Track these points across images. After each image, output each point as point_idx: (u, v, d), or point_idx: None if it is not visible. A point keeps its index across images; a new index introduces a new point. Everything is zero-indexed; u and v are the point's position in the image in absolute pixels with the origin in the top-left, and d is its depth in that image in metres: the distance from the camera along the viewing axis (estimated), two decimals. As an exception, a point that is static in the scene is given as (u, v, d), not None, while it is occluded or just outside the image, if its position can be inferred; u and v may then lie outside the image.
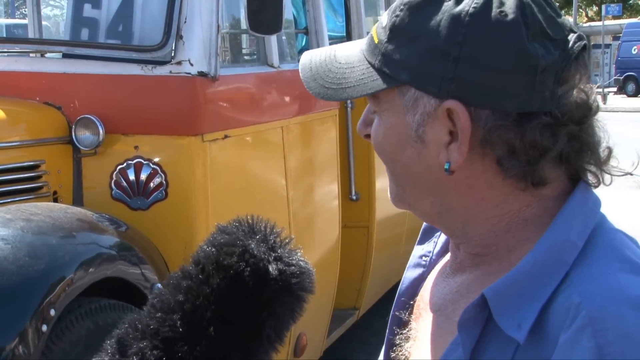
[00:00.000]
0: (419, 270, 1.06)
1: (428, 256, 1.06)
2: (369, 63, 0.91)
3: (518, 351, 0.82)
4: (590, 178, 0.90)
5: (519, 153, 0.84)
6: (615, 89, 27.22)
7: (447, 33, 0.84)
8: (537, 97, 0.83)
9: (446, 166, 0.87)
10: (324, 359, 4.15)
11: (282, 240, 0.89)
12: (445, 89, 0.85)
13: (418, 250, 1.08)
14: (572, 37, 0.86)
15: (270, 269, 0.85)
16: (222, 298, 0.84)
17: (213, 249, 0.87)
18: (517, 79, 0.83)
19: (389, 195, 0.98)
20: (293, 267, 0.86)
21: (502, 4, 0.84)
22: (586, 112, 0.87)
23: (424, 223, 1.07)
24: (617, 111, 19.49)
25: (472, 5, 0.84)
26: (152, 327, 0.84)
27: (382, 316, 2.49)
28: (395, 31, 0.88)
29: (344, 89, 0.92)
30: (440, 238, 1.06)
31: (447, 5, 0.85)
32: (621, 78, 27.10)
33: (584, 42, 0.87)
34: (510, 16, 0.83)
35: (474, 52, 0.83)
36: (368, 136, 0.96)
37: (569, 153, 0.86)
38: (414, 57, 0.86)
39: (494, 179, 0.88)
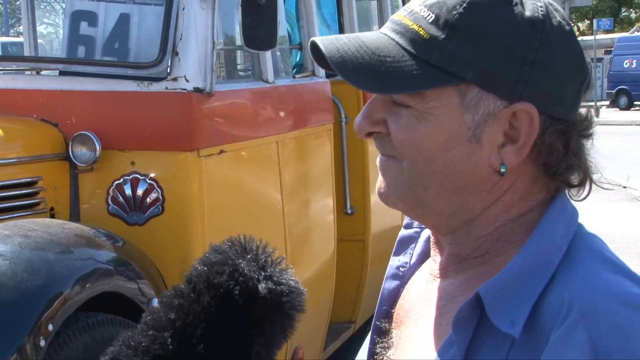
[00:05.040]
0: (397, 281, 1.07)
1: (405, 267, 1.07)
2: (418, 58, 0.87)
3: (513, 349, 0.84)
4: (572, 189, 0.94)
5: (560, 158, 0.89)
6: (607, 103, 27.33)
7: (524, 37, 0.86)
8: (578, 106, 0.89)
9: (503, 168, 0.88)
10: (321, 373, 4.16)
11: (273, 259, 0.90)
12: (519, 92, 0.86)
13: (395, 262, 1.08)
14: None
15: (260, 287, 0.86)
16: (212, 316, 0.86)
17: (205, 268, 0.88)
18: (573, 87, 0.88)
19: (382, 189, 0.94)
20: (282, 286, 0.87)
21: (557, 12, 0.89)
22: (589, 124, 0.92)
23: (400, 235, 1.09)
24: (610, 124, 19.57)
25: (540, 12, 0.87)
26: (143, 344, 0.86)
27: (378, 328, 2.50)
28: (459, 29, 0.86)
29: (399, 83, 0.88)
30: (416, 250, 1.07)
31: (518, 10, 0.87)
32: (613, 92, 27.23)
33: None
34: (567, 27, 0.88)
35: (547, 57, 0.86)
36: (370, 134, 0.93)
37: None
38: (485, 57, 0.86)
39: (524, 183, 0.91)
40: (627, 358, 0.78)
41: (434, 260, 0.99)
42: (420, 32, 0.88)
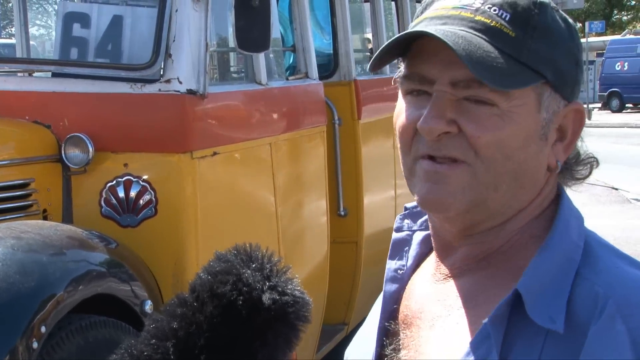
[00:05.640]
0: (397, 284, 1.07)
1: (402, 269, 1.07)
2: (508, 56, 0.88)
3: (547, 342, 0.86)
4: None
5: (581, 153, 0.96)
6: (599, 105, 27.41)
7: (576, 40, 0.94)
8: None
9: (559, 164, 0.94)
10: (314, 375, 4.15)
11: (278, 269, 0.89)
12: (575, 92, 0.94)
13: (392, 265, 1.09)
14: None
15: (264, 298, 0.85)
16: (215, 326, 0.85)
17: (209, 277, 0.87)
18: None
19: (443, 197, 0.91)
20: (287, 297, 0.86)
21: None
22: None
23: (392, 238, 1.09)
24: (602, 127, 19.62)
25: (570, 19, 0.95)
26: (145, 353, 0.85)
27: (371, 330, 2.50)
28: (538, 29, 0.90)
29: (512, 79, 0.88)
30: (410, 252, 1.07)
31: (563, 15, 0.93)
32: (605, 94, 27.30)
33: None
34: None
35: (581, 59, 0.94)
36: (445, 133, 0.89)
37: None
38: (559, 58, 0.91)
39: (554, 177, 0.96)
40: None
41: (439, 261, 1.00)
42: (505, 30, 0.89)
